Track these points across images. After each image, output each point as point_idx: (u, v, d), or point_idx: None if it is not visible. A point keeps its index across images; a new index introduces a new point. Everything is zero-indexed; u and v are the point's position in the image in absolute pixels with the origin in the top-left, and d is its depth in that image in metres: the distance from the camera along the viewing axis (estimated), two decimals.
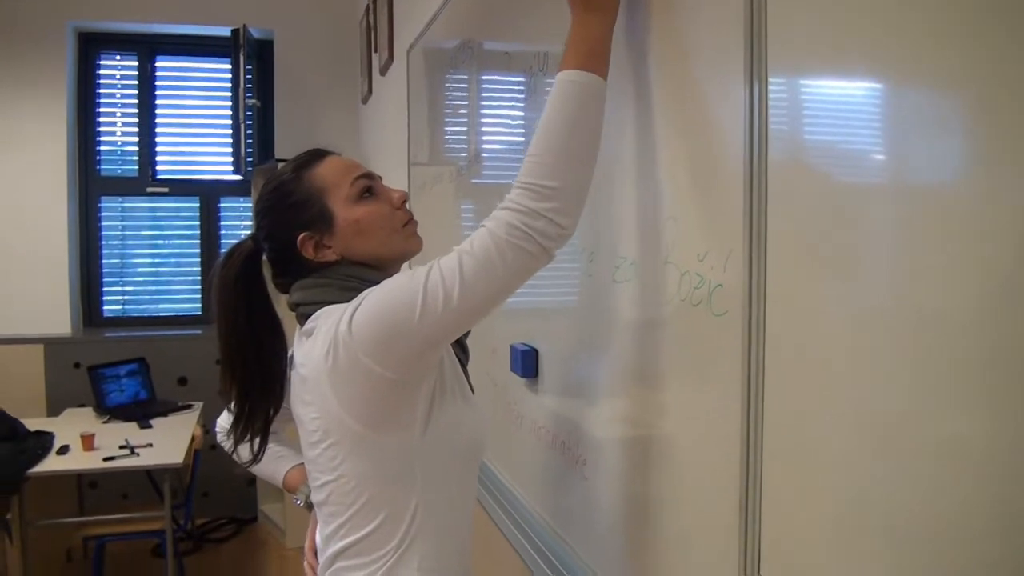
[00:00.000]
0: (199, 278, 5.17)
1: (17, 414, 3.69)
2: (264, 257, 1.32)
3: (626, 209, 1.28)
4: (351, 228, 1.26)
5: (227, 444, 1.49)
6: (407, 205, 1.33)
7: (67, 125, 4.76)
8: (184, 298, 5.22)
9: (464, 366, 1.31)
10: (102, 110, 5.03)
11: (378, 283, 1.16)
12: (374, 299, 1.12)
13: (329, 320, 1.17)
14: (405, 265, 1.33)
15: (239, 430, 1.33)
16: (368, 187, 1.28)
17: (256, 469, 1.51)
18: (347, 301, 1.16)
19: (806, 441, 0.89)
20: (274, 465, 1.57)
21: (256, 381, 1.30)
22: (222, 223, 5.18)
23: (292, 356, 1.32)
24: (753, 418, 0.97)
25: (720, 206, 1.02)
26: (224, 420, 1.56)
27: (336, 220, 1.26)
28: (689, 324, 1.10)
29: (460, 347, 1.32)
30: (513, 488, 1.86)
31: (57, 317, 4.77)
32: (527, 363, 1.69)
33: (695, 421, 1.10)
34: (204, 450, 3.96)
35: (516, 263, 1.06)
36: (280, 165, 1.34)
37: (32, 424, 3.69)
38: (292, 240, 1.26)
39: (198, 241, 5.14)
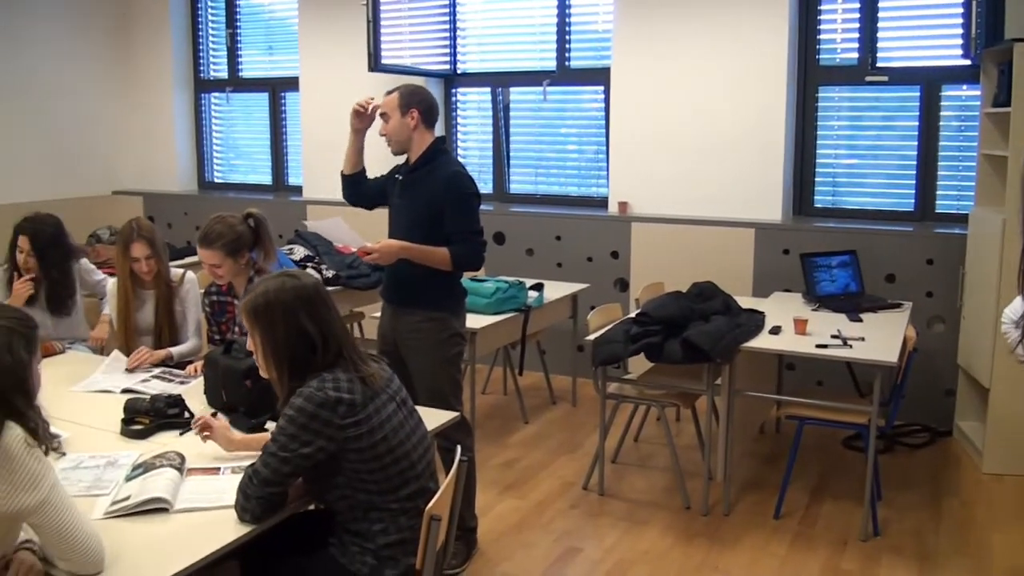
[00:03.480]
0: (914, 173, 4.93)
1: (727, 291, 4.02)
2: None
3: None
4: None
5: (1013, 335, 1.40)
6: None
7: (789, 15, 4.87)
8: (897, 193, 5.04)
9: None
10: None
11: None
12: None
13: None
14: None
15: None
16: None
17: None
18: None
19: None
20: None
21: None
22: (942, 113, 4.82)
23: None
24: None
25: None
26: (1012, 310, 1.46)
27: None
28: None
29: None
30: None
31: (769, 204, 5.02)
32: None
33: None
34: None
35: None
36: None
37: (742, 302, 3.96)
38: None
39: (915, 134, 4.88)
